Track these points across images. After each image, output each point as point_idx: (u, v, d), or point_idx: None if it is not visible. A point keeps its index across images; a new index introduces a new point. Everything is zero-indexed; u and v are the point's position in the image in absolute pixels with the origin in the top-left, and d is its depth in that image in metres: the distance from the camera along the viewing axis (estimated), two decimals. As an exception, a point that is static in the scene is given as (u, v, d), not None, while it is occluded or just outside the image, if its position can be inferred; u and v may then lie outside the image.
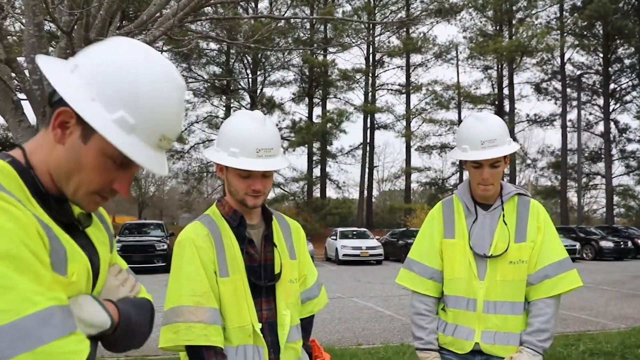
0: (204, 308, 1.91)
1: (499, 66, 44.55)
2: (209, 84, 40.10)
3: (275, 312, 2.07)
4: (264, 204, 2.14)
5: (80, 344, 1.00)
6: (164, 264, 20.13)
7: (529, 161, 47.02)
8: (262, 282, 2.05)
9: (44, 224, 1.06)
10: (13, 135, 5.42)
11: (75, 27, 4.19)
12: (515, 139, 40.58)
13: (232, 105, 42.21)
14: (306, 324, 2.26)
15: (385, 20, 36.27)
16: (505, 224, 2.49)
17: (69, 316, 1.02)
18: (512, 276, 2.45)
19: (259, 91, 42.63)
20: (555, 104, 44.94)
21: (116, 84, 1.06)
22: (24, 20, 8.24)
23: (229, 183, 2.05)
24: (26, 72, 4.84)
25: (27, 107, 5.08)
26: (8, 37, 4.67)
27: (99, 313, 1.14)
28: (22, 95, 5.01)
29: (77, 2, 3.83)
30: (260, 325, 2.01)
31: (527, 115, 45.70)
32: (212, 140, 41.79)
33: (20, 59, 5.13)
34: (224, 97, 41.73)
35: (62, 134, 1.10)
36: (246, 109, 40.00)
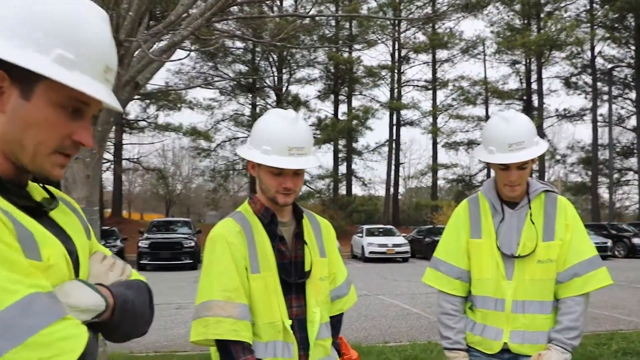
0: (234, 303, 1.93)
1: (527, 61, 43.87)
2: (234, 83, 40.35)
3: (305, 309, 2.09)
4: (294, 202, 2.17)
5: (77, 327, 0.93)
6: (191, 261, 20.35)
7: (558, 157, 46.22)
8: (293, 279, 2.07)
9: (4, 211, 0.97)
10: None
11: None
12: (544, 135, 40.19)
13: (257, 103, 42.44)
14: (335, 322, 2.27)
15: (411, 16, 36.04)
16: (533, 223, 2.46)
17: (56, 301, 0.94)
18: (540, 275, 2.43)
19: (284, 89, 42.76)
20: (586, 98, 44.11)
21: (43, 25, 0.99)
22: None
23: (261, 180, 2.08)
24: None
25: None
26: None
27: (90, 295, 1.05)
28: None
29: (107, 4, 3.90)
30: (290, 321, 2.02)
31: (557, 110, 44.95)
32: (238, 138, 42.17)
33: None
34: (250, 95, 41.96)
35: (1, 100, 1.02)
36: (272, 106, 40.37)
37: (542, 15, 42.42)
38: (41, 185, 1.20)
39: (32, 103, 1.01)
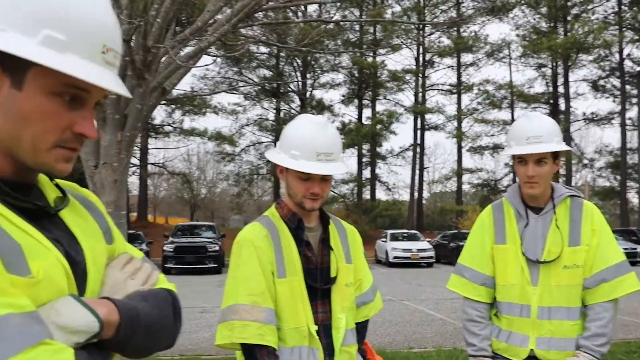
0: (260, 307, 1.94)
1: (554, 64, 43.28)
2: (259, 87, 40.59)
3: (330, 315, 2.08)
4: (321, 207, 2.17)
5: (55, 355, 0.80)
6: (215, 265, 20.49)
7: (585, 161, 45.43)
8: (318, 284, 2.07)
9: None
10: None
11: (134, 35, 4.34)
12: (571, 138, 39.56)
13: (281, 108, 42.63)
14: (361, 329, 2.26)
15: (435, 20, 35.85)
16: (558, 228, 2.44)
17: (34, 323, 0.81)
18: (566, 281, 2.40)
19: (308, 93, 42.88)
20: (614, 101, 43.31)
21: (25, 4, 0.88)
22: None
23: (289, 185, 2.09)
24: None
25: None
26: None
27: (82, 314, 0.91)
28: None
29: (135, 11, 3.96)
30: (316, 327, 2.02)
31: (584, 114, 44.19)
32: (262, 142, 42.38)
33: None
34: (274, 100, 42.16)
35: None
36: (296, 111, 40.52)
37: (568, 18, 41.84)
38: (54, 183, 1.09)
39: (24, 93, 0.91)
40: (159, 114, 39.58)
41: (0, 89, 0.91)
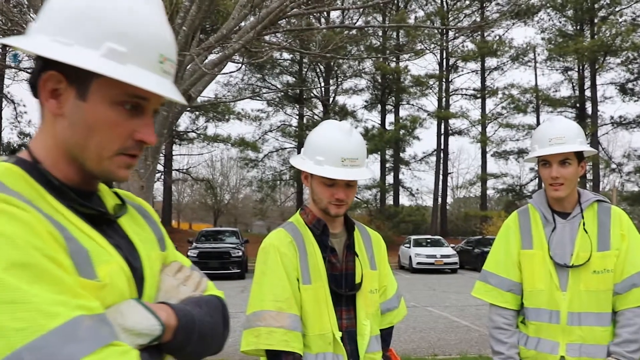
0: (286, 314, 1.94)
1: (580, 67, 42.64)
2: (282, 94, 40.76)
3: (355, 322, 2.08)
4: (346, 213, 2.17)
5: (122, 355, 0.84)
6: (238, 270, 20.56)
7: (613, 166, 44.57)
8: (343, 290, 2.07)
9: (57, 224, 0.91)
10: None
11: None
12: (598, 143, 38.89)
13: (305, 114, 42.72)
14: (385, 335, 2.26)
15: (459, 25, 35.62)
16: (586, 232, 2.42)
17: (103, 325, 0.85)
18: (596, 286, 2.37)
19: (331, 99, 42.92)
20: (643, 105, 42.51)
21: (89, 20, 0.93)
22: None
23: (314, 191, 2.09)
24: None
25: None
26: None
27: (146, 318, 0.96)
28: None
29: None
30: (340, 333, 2.02)
31: (612, 118, 43.35)
32: (285, 148, 42.54)
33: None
34: (297, 106, 42.28)
35: (57, 103, 0.97)
36: (319, 117, 40.52)
37: (595, 21, 41.21)
38: (113, 191, 1.16)
39: (89, 102, 0.96)
40: (184, 121, 40.03)
41: (67, 101, 0.97)
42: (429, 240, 26.61)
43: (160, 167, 37.77)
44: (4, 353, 0.75)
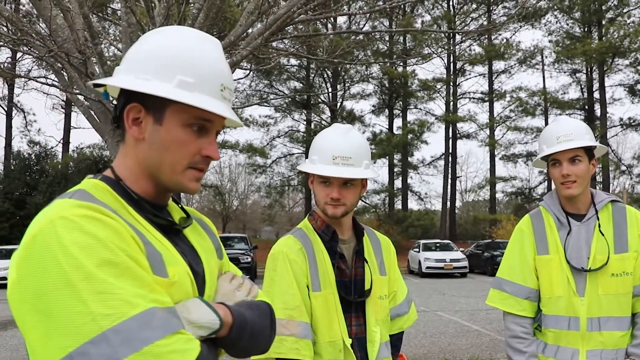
0: (296, 322, 1.93)
1: (589, 69, 42.46)
2: (289, 99, 40.84)
3: (364, 328, 2.07)
4: (355, 219, 2.16)
5: (188, 342, 1.00)
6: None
7: (623, 167, 44.28)
8: (352, 297, 2.06)
9: (137, 231, 1.10)
10: (112, 154, 5.76)
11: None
12: (608, 144, 38.62)
13: (312, 119, 42.77)
14: (395, 341, 2.24)
15: (465, 28, 35.56)
16: (602, 234, 2.35)
17: (173, 317, 1.01)
18: (615, 289, 2.31)
19: (339, 104, 42.94)
20: (652, 107, 42.24)
21: (164, 59, 1.15)
22: (119, 46, 8.77)
23: (314, 192, 2.11)
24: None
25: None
26: (108, 62, 5.00)
27: (206, 313, 1.13)
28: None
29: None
30: (350, 340, 2.01)
31: (621, 119, 43.13)
32: (293, 154, 42.60)
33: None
34: (305, 112, 42.34)
35: (139, 129, 1.16)
36: (326, 122, 40.47)
37: (603, 22, 41.04)
38: (179, 205, 1.35)
39: (164, 126, 1.15)
40: (192, 127, 40.10)
41: (146, 126, 1.16)
42: (438, 245, 26.53)
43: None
44: (93, 333, 0.92)
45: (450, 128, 42.61)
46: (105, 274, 0.96)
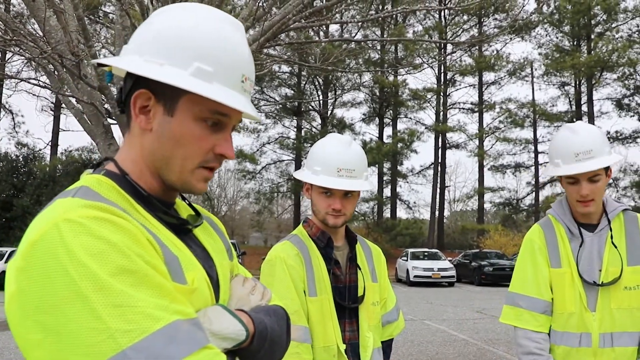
0: (296, 326, 1.94)
1: (577, 82, 42.96)
2: (280, 106, 40.91)
3: (358, 334, 2.08)
4: (347, 226, 2.18)
5: (216, 357, 0.89)
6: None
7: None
8: (347, 303, 2.07)
9: (151, 233, 0.98)
10: (102, 157, 5.70)
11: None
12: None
13: (303, 126, 42.85)
14: (386, 347, 2.27)
15: (457, 39, 35.84)
16: (615, 246, 2.23)
17: (198, 329, 0.90)
18: (628, 303, 2.19)
19: (329, 112, 43.07)
20: (639, 120, 42.73)
21: (179, 42, 1.01)
22: (112, 49, 8.75)
23: (313, 202, 2.12)
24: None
25: (116, 131, 5.39)
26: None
27: (232, 323, 1.02)
28: (112, 120, 5.32)
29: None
30: (344, 346, 2.02)
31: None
32: (283, 160, 42.60)
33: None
34: (295, 119, 42.41)
35: (147, 119, 1.03)
36: (317, 129, 40.50)
37: (592, 37, 41.57)
38: (187, 202, 1.23)
39: (176, 118, 1.02)
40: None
41: (155, 116, 1.03)
42: (426, 254, 26.60)
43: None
44: (111, 352, 0.80)
45: (440, 138, 42.86)
46: (122, 283, 0.84)
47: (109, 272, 0.84)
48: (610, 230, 2.26)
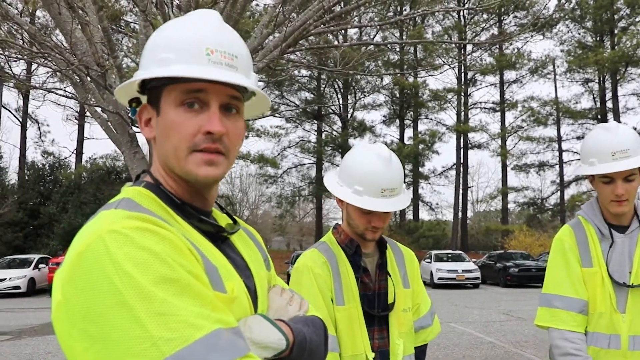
0: None
1: (601, 78, 42.31)
2: (300, 110, 41.02)
3: (387, 341, 2.06)
4: None
5: None
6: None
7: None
8: (376, 311, 2.06)
9: (191, 243, 1.00)
10: (128, 165, 5.80)
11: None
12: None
13: (323, 129, 42.90)
14: (419, 353, 2.24)
15: (476, 39, 35.57)
16: None
17: (239, 338, 0.91)
18: None
19: (350, 115, 43.06)
20: (666, 116, 41.96)
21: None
22: (133, 57, 8.87)
23: (349, 216, 2.08)
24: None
25: (141, 139, 5.46)
26: (126, 74, 5.07)
27: (272, 332, 1.03)
28: (137, 129, 5.39)
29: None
30: (373, 354, 2.01)
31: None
32: (304, 164, 42.66)
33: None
34: (316, 122, 42.48)
35: (149, 129, 1.10)
36: (337, 132, 40.50)
37: (615, 32, 40.90)
38: (224, 211, 1.25)
39: (162, 115, 1.06)
40: (203, 138, 40.35)
41: (154, 122, 1.09)
42: (449, 255, 26.39)
43: (180, 184, 38.06)
44: None
45: (462, 138, 42.55)
46: (165, 292, 0.86)
47: (152, 281, 0.86)
48: None
